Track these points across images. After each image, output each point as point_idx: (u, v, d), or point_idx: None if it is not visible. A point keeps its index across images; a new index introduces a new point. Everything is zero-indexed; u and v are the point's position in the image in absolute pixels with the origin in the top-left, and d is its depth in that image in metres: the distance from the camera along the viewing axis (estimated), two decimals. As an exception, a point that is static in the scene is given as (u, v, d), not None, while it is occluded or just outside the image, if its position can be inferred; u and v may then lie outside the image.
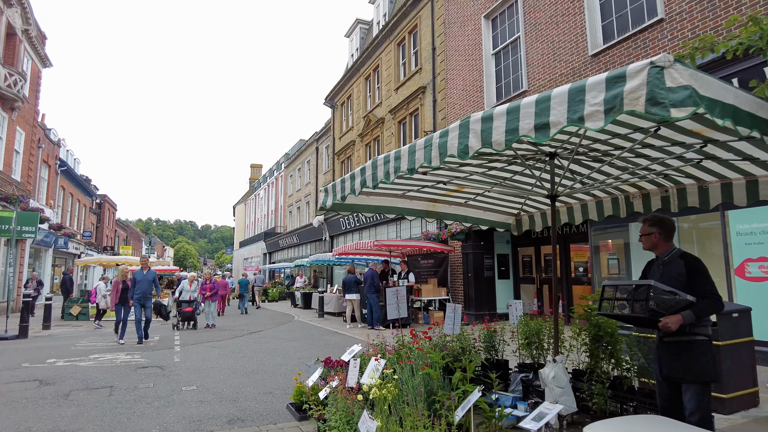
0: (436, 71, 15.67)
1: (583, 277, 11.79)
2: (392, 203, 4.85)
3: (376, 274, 12.64)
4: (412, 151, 3.04)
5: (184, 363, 7.71)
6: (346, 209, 4.61)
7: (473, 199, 5.10)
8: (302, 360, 7.91)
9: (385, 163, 3.32)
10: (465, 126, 2.62)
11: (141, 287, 10.20)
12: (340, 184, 3.93)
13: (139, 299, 10.16)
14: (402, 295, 4.75)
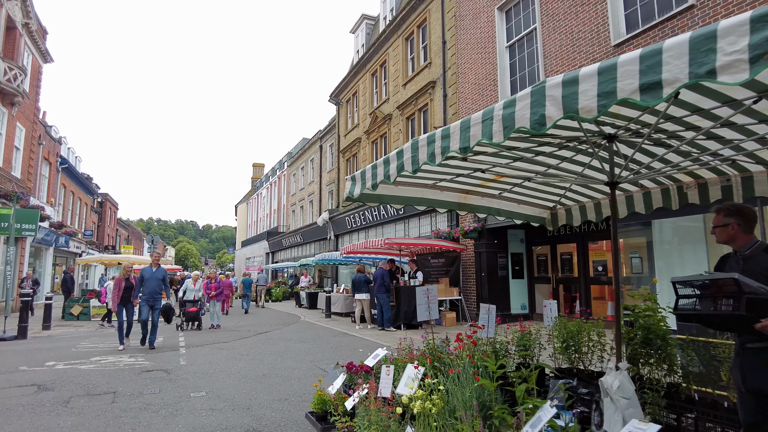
0: (447, 65, 15.26)
1: (602, 277, 11.37)
2: (422, 194, 4.44)
3: (386, 274, 12.23)
4: (466, 126, 2.62)
5: (190, 366, 7.30)
6: (373, 200, 4.19)
7: (509, 191, 4.69)
8: (315, 363, 7.50)
9: (429, 143, 2.91)
10: (539, 92, 2.21)
11: (150, 286, 9.28)
12: (371, 171, 3.51)
13: (148, 300, 9.22)
14: (433, 294, 4.32)
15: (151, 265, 9.67)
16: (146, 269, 9.50)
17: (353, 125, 23.38)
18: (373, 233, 20.27)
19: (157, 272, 9.49)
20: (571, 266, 12.30)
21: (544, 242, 13.03)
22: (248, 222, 54.25)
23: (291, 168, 37.48)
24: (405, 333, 11.32)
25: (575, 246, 12.12)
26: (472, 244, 13.25)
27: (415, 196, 4.40)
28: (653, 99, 1.78)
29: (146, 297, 9.24)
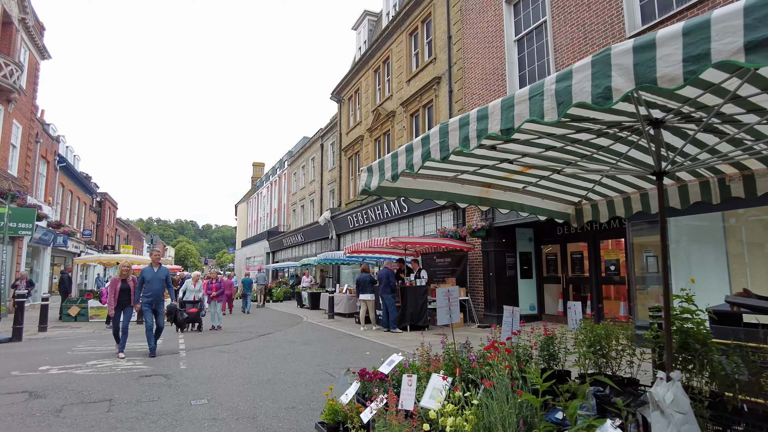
0: (453, 60, 14.92)
1: (615, 276, 11.04)
2: (442, 187, 4.10)
3: (391, 274, 11.90)
4: (509, 105, 2.29)
5: (191, 371, 6.97)
6: (391, 194, 3.86)
7: (534, 184, 4.36)
8: (321, 367, 7.17)
9: (461, 126, 2.58)
10: (604, 61, 1.88)
11: (152, 288, 8.35)
12: (391, 160, 3.18)
13: (150, 303, 8.33)
14: (454, 297, 3.99)
15: (151, 264, 8.73)
16: (147, 269, 8.55)
17: (355, 123, 23.04)
18: (375, 232, 19.95)
19: (159, 272, 8.57)
20: (581, 266, 11.97)
21: (554, 241, 12.70)
22: (248, 221, 53.90)
23: (291, 167, 37.14)
24: (411, 335, 10.99)
25: (586, 245, 11.79)
26: (479, 243, 12.93)
27: (434, 190, 4.07)
28: (765, 60, 1.45)
29: (148, 300, 8.32)
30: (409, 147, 3.02)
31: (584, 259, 11.87)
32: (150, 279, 8.42)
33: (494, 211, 12.55)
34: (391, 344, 9.56)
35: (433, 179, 4.02)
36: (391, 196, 3.90)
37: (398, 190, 3.89)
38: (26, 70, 18.85)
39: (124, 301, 8.41)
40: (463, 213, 13.80)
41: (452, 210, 14.17)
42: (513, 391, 2.67)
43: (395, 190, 3.87)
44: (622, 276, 10.86)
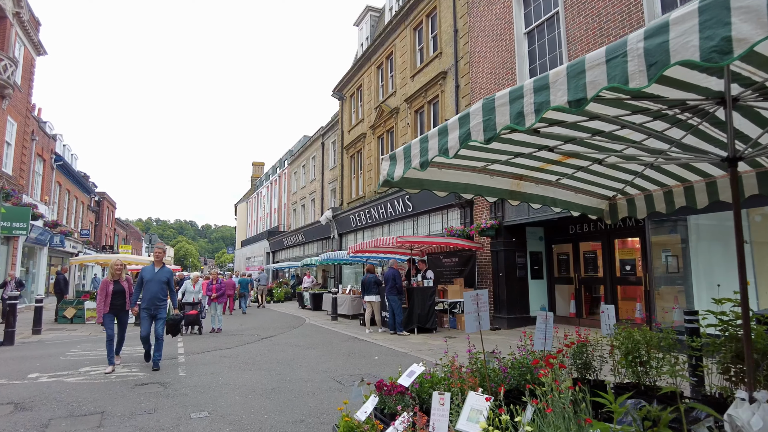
0: (459, 55, 14.51)
1: (631, 276, 10.64)
2: (469, 179, 3.69)
3: (398, 274, 11.48)
4: (578, 71, 1.87)
5: (190, 378, 6.55)
6: (413, 185, 3.45)
7: (570, 176, 3.95)
8: (329, 374, 6.75)
9: (513, 101, 2.16)
10: (718, 5, 1.46)
11: (151, 290, 7.29)
12: (420, 145, 2.76)
13: (149, 308, 7.28)
14: (483, 301, 3.57)
15: (153, 263, 7.66)
16: (147, 269, 7.54)
17: (357, 120, 22.63)
18: (379, 231, 19.54)
19: (160, 273, 7.48)
20: (595, 265, 11.56)
21: (565, 240, 12.29)
22: (248, 221, 53.47)
23: (292, 166, 36.72)
24: (419, 337, 10.58)
25: (600, 244, 11.38)
26: (488, 242, 12.51)
27: (461, 182, 3.65)
28: None
29: (146, 304, 7.30)
30: (443, 129, 2.60)
31: (598, 259, 11.46)
32: (149, 280, 7.37)
33: (504, 209, 12.14)
34: (399, 348, 9.15)
35: (461, 170, 3.60)
36: (414, 189, 3.48)
37: (421, 182, 3.47)
38: (21, 66, 18.41)
39: (118, 305, 7.29)
40: (470, 211, 13.39)
41: (459, 208, 13.76)
42: (575, 415, 2.26)
43: (418, 182, 3.46)
44: (638, 276, 10.45)
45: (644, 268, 10.24)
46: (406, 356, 8.28)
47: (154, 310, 7.37)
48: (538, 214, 11.14)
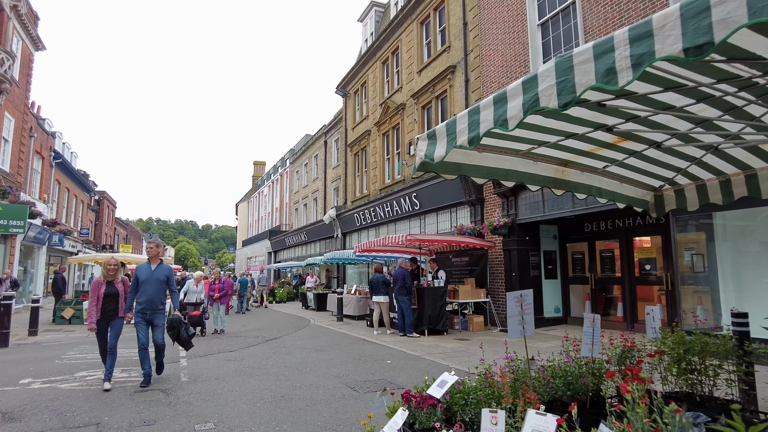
0: (469, 48, 14.09)
1: (651, 276, 10.21)
2: (511, 165, 3.28)
3: (407, 274, 11.07)
4: (698, 10, 1.46)
5: (193, 384, 6.13)
6: (451, 170, 3.04)
7: (619, 162, 3.53)
8: (341, 379, 6.33)
9: (599, 56, 1.74)
10: None
11: (148, 292, 6.21)
12: (469, 118, 2.34)
13: (144, 312, 6.19)
14: (528, 303, 3.15)
15: (148, 261, 6.52)
16: (142, 268, 6.42)
17: (362, 117, 22.21)
18: (384, 230, 19.12)
19: (157, 271, 6.39)
20: (612, 265, 11.13)
21: (581, 239, 11.87)
22: (249, 221, 53.07)
23: (294, 165, 36.31)
24: (430, 340, 10.16)
25: (618, 243, 10.95)
26: (500, 241, 12.09)
27: (502, 168, 3.24)
28: None
29: (142, 308, 6.20)
30: (500, 96, 2.18)
31: (615, 258, 11.04)
32: (145, 279, 6.27)
33: (517, 206, 11.72)
34: (411, 351, 8.73)
35: (503, 153, 3.19)
36: (451, 174, 3.07)
37: (459, 167, 3.06)
38: (19, 61, 18.01)
39: (111, 311, 6.13)
40: (481, 209, 12.97)
41: (469, 206, 13.34)
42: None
43: (456, 167, 3.04)
44: (658, 276, 10.03)
45: (665, 268, 9.82)
46: (419, 360, 7.86)
47: (150, 315, 6.23)
48: (554, 211, 10.72)
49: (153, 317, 6.29)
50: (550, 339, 9.87)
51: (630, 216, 10.57)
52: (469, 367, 5.89)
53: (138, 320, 6.22)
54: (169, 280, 6.48)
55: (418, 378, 6.38)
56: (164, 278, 6.42)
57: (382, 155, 19.80)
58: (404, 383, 6.09)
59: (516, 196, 11.73)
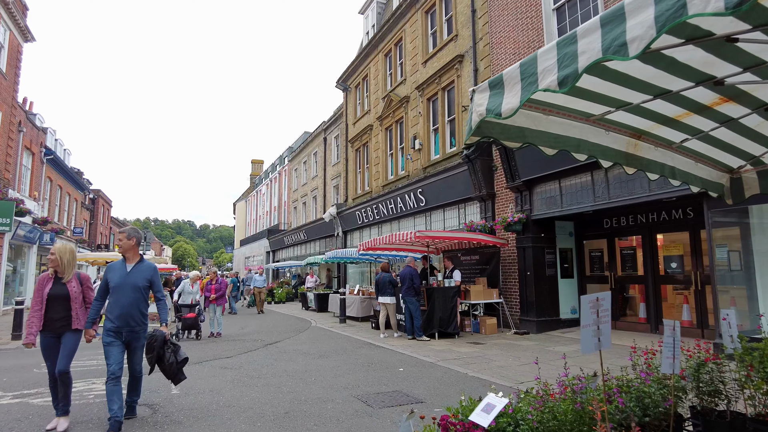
0: (478, 36, 13.41)
1: (677, 275, 9.56)
2: (581, 134, 2.60)
3: (415, 273, 10.38)
4: None
5: (185, 398, 5.44)
6: (513, 136, 2.37)
7: (703, 135, 2.85)
8: (351, 391, 5.65)
9: None
10: None
11: (121, 301, 4.42)
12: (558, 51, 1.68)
13: (117, 330, 4.39)
14: (605, 309, 2.48)
15: (123, 259, 4.64)
16: (114, 268, 4.60)
17: (363, 112, 21.53)
18: (387, 228, 18.45)
19: (134, 273, 4.55)
20: (633, 263, 10.48)
21: (599, 235, 11.21)
22: (247, 220, 52.32)
23: (292, 163, 35.61)
24: (441, 343, 9.48)
25: (640, 239, 10.31)
26: (513, 238, 11.42)
27: (573, 136, 2.56)
28: None
29: (115, 326, 4.38)
30: (613, 14, 1.50)
31: (637, 256, 10.39)
32: (118, 285, 4.44)
33: (532, 201, 11.05)
34: (423, 356, 8.06)
35: (571, 118, 2.51)
36: (514, 141, 2.39)
37: (523, 132, 2.37)
38: (6, 52, 17.27)
39: (59, 320, 4.43)
40: (492, 205, 12.30)
41: (479, 201, 12.67)
42: None
43: (519, 132, 2.36)
44: (686, 275, 9.37)
45: (694, 265, 9.18)
46: (434, 367, 7.18)
47: (128, 333, 4.43)
48: (573, 206, 10.06)
49: (131, 335, 4.47)
50: (570, 342, 9.22)
51: (654, 211, 9.92)
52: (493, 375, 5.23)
53: (109, 340, 4.36)
54: (153, 285, 4.64)
55: (437, 389, 5.71)
56: (145, 283, 4.56)
57: (385, 150, 19.13)
58: (422, 395, 5.42)
59: (531, 190, 11.06)
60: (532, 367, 7.02)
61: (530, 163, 10.64)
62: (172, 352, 4.74)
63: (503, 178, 11.70)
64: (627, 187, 8.98)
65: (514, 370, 6.84)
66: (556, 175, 10.26)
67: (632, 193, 8.86)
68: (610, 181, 9.32)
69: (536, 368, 6.94)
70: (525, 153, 10.68)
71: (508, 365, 7.24)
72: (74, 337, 4.57)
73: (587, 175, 9.76)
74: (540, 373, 6.55)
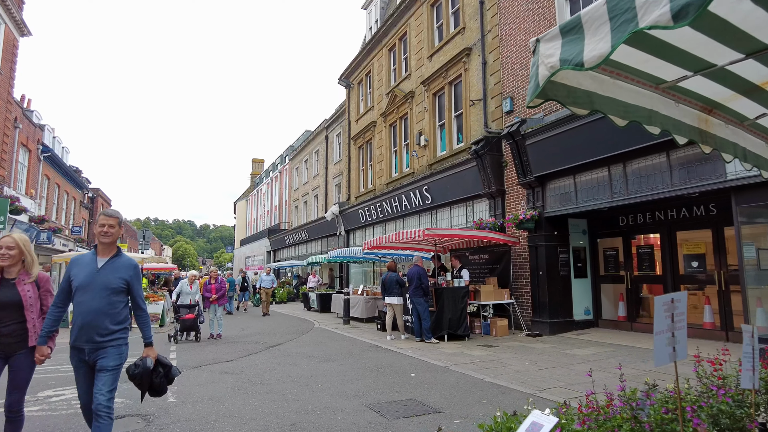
0: (486, 28, 12.99)
1: (699, 274, 9.14)
2: (650, 103, 2.18)
3: (423, 273, 9.96)
4: None
5: (182, 407, 5.02)
6: (581, 100, 1.95)
7: (789, 108, 2.43)
8: (362, 400, 5.22)
9: None
10: None
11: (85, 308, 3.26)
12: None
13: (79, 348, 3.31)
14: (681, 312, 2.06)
15: (93, 250, 3.47)
16: (80, 261, 3.41)
17: (366, 109, 21.11)
18: (391, 227, 18.02)
19: (107, 270, 3.36)
20: (651, 262, 10.06)
21: (614, 234, 10.78)
22: (248, 219, 51.90)
23: (293, 162, 35.20)
24: (451, 346, 9.07)
25: (658, 237, 9.88)
26: (524, 236, 10.99)
27: (643, 106, 2.14)
28: None
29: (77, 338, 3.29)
30: None
31: (655, 255, 9.97)
32: (84, 285, 3.28)
33: (545, 198, 10.63)
34: (435, 360, 7.64)
35: (640, 84, 2.09)
36: (581, 108, 1.97)
37: (590, 97, 1.96)
38: (1, 46, 16.85)
39: (8, 337, 3.34)
40: (502, 202, 11.87)
41: (488, 199, 12.25)
42: None
43: (586, 96, 1.94)
44: (709, 274, 8.95)
45: (718, 265, 8.75)
46: (447, 372, 6.77)
47: (91, 353, 3.24)
48: (589, 202, 9.64)
49: (96, 356, 3.23)
50: (585, 345, 8.80)
51: (673, 207, 9.50)
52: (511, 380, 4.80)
53: (73, 363, 3.33)
54: (131, 289, 3.40)
55: (453, 397, 5.29)
56: (120, 284, 3.33)
57: (389, 147, 18.71)
58: (439, 404, 5.00)
59: (543, 186, 10.64)
60: (552, 372, 6.62)
61: (543, 158, 10.22)
62: (164, 376, 3.64)
63: (514, 174, 11.28)
64: (647, 182, 8.55)
65: (533, 376, 6.42)
66: (571, 170, 9.83)
67: (653, 188, 8.43)
68: (628, 177, 8.89)
69: (557, 373, 6.55)
70: (538, 148, 10.27)
71: (525, 370, 6.82)
72: (29, 359, 3.39)
73: (604, 170, 9.34)
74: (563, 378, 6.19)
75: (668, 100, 2.24)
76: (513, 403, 5.09)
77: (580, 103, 1.92)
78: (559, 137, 9.72)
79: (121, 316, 3.38)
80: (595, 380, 2.77)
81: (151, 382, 3.56)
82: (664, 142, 7.97)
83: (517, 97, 11.61)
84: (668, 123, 2.24)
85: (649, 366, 6.72)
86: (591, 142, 9.13)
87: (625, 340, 9.04)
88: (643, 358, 7.36)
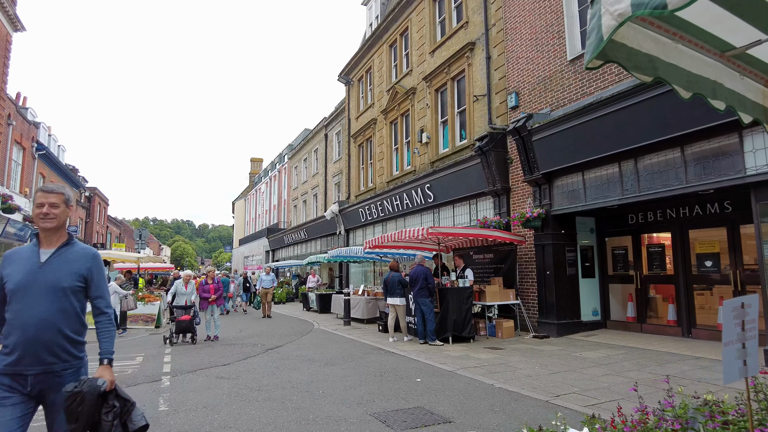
0: (491, 22, 12.67)
1: (713, 274, 8.83)
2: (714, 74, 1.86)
3: (429, 273, 9.65)
4: None
5: (175, 416, 4.70)
6: (643, 65, 1.64)
7: None
8: (366, 408, 4.90)
9: None
10: None
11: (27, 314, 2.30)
12: None
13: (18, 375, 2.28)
14: (752, 318, 1.74)
15: (35, 239, 2.48)
16: (16, 257, 2.42)
17: (366, 106, 20.78)
18: (392, 225, 17.71)
19: (55, 265, 2.40)
20: (662, 261, 9.75)
21: (623, 232, 10.47)
22: (246, 219, 51.57)
23: (292, 161, 34.88)
24: (456, 348, 8.75)
25: (670, 235, 9.58)
26: (531, 235, 10.68)
27: (704, 76, 1.82)
28: None
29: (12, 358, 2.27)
30: None
31: (666, 254, 9.66)
32: (22, 287, 2.33)
33: (552, 195, 10.31)
34: (441, 364, 7.32)
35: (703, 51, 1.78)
36: (644, 74, 1.64)
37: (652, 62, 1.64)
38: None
39: None
40: (507, 200, 11.56)
41: (493, 196, 11.93)
42: None
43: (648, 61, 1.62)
44: (723, 274, 8.65)
45: (733, 264, 8.45)
46: (454, 377, 6.45)
47: (38, 381, 2.30)
48: (598, 200, 9.33)
49: (45, 386, 2.32)
50: (595, 347, 8.49)
51: (686, 205, 9.19)
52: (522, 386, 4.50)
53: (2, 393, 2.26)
54: (90, 286, 2.51)
55: (464, 405, 4.98)
56: (75, 282, 2.44)
57: (390, 145, 18.39)
58: (448, 413, 4.68)
59: (550, 183, 10.33)
60: (564, 377, 6.31)
61: (550, 154, 9.91)
62: (118, 415, 2.35)
63: (519, 171, 10.97)
64: (660, 178, 8.24)
65: (545, 381, 6.11)
66: (580, 166, 9.52)
67: (666, 185, 8.12)
68: (640, 173, 8.58)
69: (570, 377, 6.23)
70: (545, 143, 9.97)
71: (536, 374, 6.51)
72: None
73: (614, 167, 9.02)
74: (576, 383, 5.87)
75: (733, 73, 1.93)
76: (527, 411, 4.78)
77: (643, 68, 1.61)
78: (567, 132, 9.41)
79: (75, 328, 2.43)
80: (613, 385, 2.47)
81: (97, 419, 2.28)
82: (678, 137, 7.68)
83: (522, 92, 11.30)
84: (733, 98, 1.93)
85: (666, 370, 6.41)
86: (600, 137, 8.82)
87: (636, 342, 8.73)
88: (657, 362, 7.06)
